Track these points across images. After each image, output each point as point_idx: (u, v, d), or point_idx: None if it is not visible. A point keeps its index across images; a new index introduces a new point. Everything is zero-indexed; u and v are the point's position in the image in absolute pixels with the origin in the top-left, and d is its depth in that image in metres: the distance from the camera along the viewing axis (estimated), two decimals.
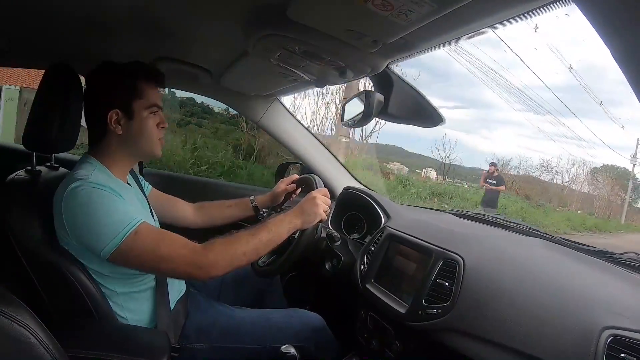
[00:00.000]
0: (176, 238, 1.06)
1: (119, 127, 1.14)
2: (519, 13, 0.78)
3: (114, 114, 1.13)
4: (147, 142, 1.18)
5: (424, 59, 9.78)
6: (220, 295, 1.53)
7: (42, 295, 1.08)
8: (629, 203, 17.90)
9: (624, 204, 17.47)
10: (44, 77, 1.17)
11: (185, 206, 1.55)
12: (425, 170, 13.69)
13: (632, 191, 18.24)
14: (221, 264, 1.05)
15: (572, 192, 16.95)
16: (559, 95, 18.61)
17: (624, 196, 17.80)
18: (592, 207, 16.26)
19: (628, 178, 17.83)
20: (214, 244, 1.07)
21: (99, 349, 0.96)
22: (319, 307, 1.52)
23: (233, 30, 1.14)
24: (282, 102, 2.01)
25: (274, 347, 1.20)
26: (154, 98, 1.17)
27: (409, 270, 1.21)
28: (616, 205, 17.35)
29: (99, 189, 1.02)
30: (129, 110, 1.14)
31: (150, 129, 1.17)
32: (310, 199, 1.24)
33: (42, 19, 1.23)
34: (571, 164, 17.02)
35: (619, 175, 18.24)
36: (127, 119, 1.14)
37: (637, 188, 18.77)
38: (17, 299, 0.60)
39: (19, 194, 1.11)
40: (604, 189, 17.40)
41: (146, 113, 1.16)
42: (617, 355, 0.72)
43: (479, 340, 0.92)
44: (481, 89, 20.69)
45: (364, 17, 0.86)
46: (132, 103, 1.14)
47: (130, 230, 1.00)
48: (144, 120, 1.15)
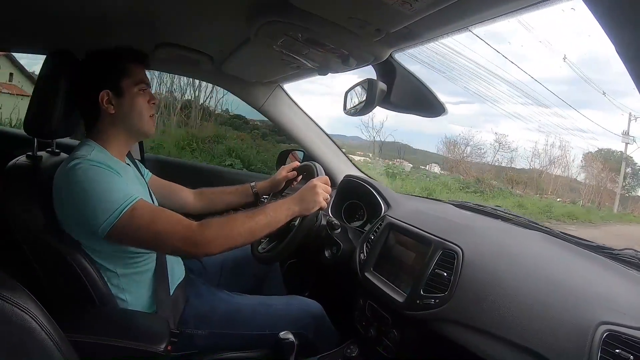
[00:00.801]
0: (172, 215, 1.07)
1: (110, 106, 1.17)
2: (524, 5, 0.77)
3: (104, 94, 1.16)
4: (138, 118, 1.21)
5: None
6: (220, 281, 1.54)
7: (43, 280, 1.09)
8: (627, 190, 16.36)
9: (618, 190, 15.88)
10: (44, 63, 1.17)
11: (186, 192, 1.56)
12: (430, 165, 13.44)
13: (630, 177, 16.60)
14: (216, 242, 1.06)
15: (555, 177, 14.87)
16: (565, 89, 18.09)
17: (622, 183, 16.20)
18: (579, 195, 14.72)
19: (622, 161, 15.89)
20: (210, 222, 1.08)
21: (99, 334, 0.97)
22: (318, 294, 1.53)
23: (235, 17, 1.13)
24: (285, 89, 2.00)
25: (272, 333, 1.21)
26: (141, 75, 1.22)
27: (408, 259, 1.22)
28: (608, 192, 15.98)
29: (97, 166, 1.03)
30: (119, 88, 1.17)
31: (140, 105, 1.20)
32: (311, 186, 1.24)
33: (43, 5, 1.22)
34: (551, 147, 14.65)
35: (616, 160, 16.35)
36: (117, 97, 1.17)
37: (636, 174, 16.92)
38: (19, 284, 0.61)
39: (20, 180, 1.11)
40: (595, 174, 15.52)
41: (135, 89, 1.19)
42: (612, 350, 0.72)
43: (476, 331, 0.92)
44: (481, 83, 20.37)
45: (367, 5, 0.86)
46: (120, 82, 1.18)
47: (128, 207, 1.01)
48: (134, 97, 1.19)
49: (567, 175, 14.98)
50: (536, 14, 0.90)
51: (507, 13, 0.82)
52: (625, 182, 16.03)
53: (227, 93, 2.86)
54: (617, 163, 15.98)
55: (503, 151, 14.14)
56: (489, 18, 0.85)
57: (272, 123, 2.11)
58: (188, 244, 1.05)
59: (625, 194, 16.10)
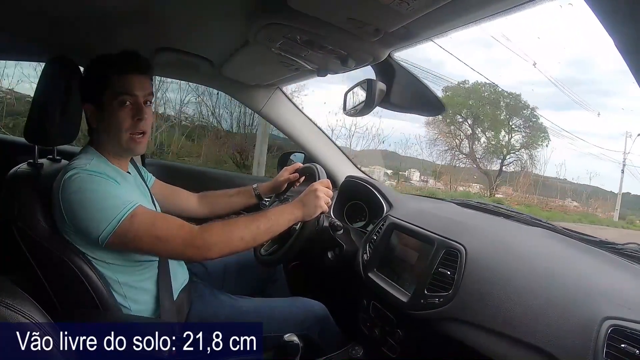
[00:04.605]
0: (172, 219, 1.08)
1: (94, 121, 1.14)
2: (521, 2, 0.77)
3: (87, 108, 1.13)
4: (115, 137, 1.12)
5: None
6: (224, 284, 1.54)
7: (46, 287, 1.09)
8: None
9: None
10: (44, 69, 1.17)
11: (189, 196, 1.56)
12: (409, 171, 12.86)
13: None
14: (218, 246, 1.06)
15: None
16: (551, 91, 17.67)
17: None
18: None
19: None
20: (212, 226, 1.08)
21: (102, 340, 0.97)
22: (322, 296, 1.52)
23: (234, 20, 1.13)
24: (284, 92, 2.00)
25: (277, 335, 1.21)
26: (123, 86, 1.10)
27: (411, 259, 1.21)
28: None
29: (94, 175, 1.03)
30: (99, 102, 1.11)
31: (119, 122, 1.10)
32: (312, 190, 1.24)
33: (42, 11, 1.22)
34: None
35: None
36: (98, 112, 1.12)
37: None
38: (22, 292, 0.61)
39: (21, 187, 1.11)
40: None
41: (115, 103, 1.10)
42: (618, 345, 0.72)
43: (480, 329, 0.92)
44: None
45: (365, 6, 0.86)
46: (101, 95, 1.10)
47: (127, 214, 1.01)
48: (113, 113, 1.10)
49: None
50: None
51: (504, 10, 0.82)
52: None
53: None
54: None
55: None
56: (486, 16, 0.85)
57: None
58: (190, 248, 1.05)
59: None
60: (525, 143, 12.51)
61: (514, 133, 12.48)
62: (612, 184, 14.74)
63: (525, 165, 12.50)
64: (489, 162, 12.69)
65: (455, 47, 13.11)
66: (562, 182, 12.63)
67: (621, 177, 12.81)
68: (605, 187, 13.06)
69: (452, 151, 12.60)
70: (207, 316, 1.25)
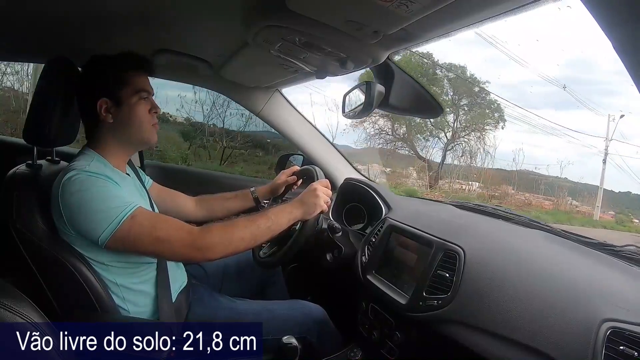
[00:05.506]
0: (173, 221, 1.08)
1: (109, 115, 1.15)
2: (520, 4, 0.78)
3: (103, 103, 1.14)
4: (138, 128, 1.18)
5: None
6: (222, 287, 1.53)
7: (45, 289, 1.08)
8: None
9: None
10: (43, 71, 1.17)
11: (186, 200, 1.55)
12: (405, 169, 12.32)
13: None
14: (218, 247, 1.06)
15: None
16: (551, 90, 17.42)
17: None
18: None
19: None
20: (212, 227, 1.08)
21: (101, 341, 0.97)
22: (321, 298, 1.52)
23: (233, 22, 1.13)
24: (283, 94, 2.00)
25: (275, 338, 1.21)
26: (141, 84, 1.18)
27: (410, 261, 1.21)
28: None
29: (94, 177, 1.03)
30: (117, 97, 1.15)
31: (140, 115, 1.17)
32: (311, 190, 1.24)
33: (41, 12, 1.23)
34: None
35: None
36: (116, 106, 1.15)
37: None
38: (21, 293, 0.61)
39: (20, 189, 1.11)
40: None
41: (135, 99, 1.16)
42: (617, 347, 0.72)
43: (479, 331, 0.92)
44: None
45: (364, 8, 0.86)
46: (119, 91, 1.15)
47: (127, 215, 1.01)
48: (133, 107, 1.16)
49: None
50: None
51: (504, 13, 0.82)
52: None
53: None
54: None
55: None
56: (485, 18, 0.85)
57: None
58: (190, 250, 1.05)
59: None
60: (471, 123, 10.85)
61: (461, 112, 10.90)
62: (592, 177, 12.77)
63: (474, 151, 10.89)
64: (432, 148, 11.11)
65: (455, 47, 13.01)
66: (533, 174, 11.22)
67: (603, 168, 11.20)
68: (584, 181, 11.47)
69: (382, 134, 11.25)
70: (205, 318, 1.24)
